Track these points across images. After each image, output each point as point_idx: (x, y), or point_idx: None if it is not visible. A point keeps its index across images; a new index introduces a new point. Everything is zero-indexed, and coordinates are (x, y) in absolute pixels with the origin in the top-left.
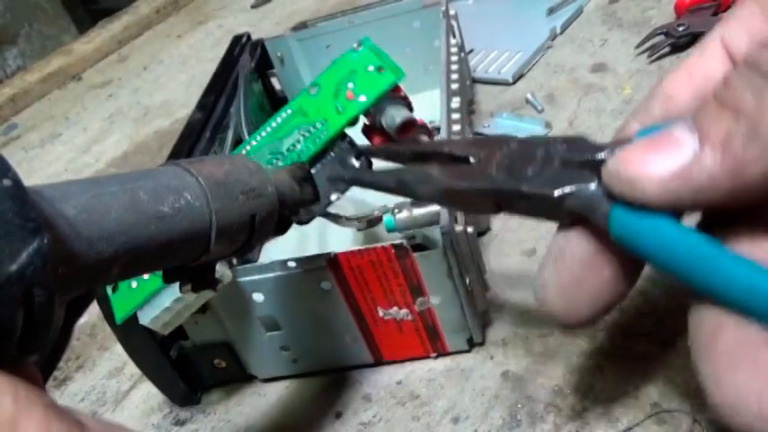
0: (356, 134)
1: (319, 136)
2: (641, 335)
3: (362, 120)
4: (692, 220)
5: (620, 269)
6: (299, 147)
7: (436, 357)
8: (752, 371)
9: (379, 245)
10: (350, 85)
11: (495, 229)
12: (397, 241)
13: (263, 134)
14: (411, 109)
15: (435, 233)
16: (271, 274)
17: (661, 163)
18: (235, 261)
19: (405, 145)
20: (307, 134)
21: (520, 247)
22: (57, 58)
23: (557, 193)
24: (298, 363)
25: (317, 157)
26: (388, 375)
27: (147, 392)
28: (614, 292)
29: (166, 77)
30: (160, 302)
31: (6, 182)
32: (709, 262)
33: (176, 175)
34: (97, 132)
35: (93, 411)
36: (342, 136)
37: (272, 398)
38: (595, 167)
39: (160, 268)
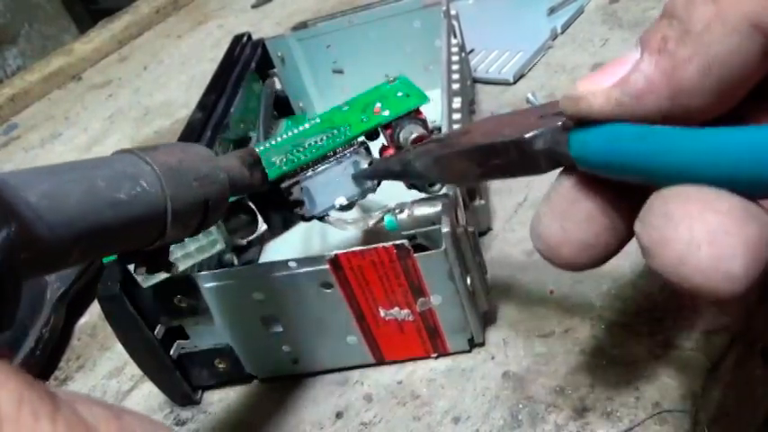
0: (374, 150)
1: (340, 136)
2: (642, 335)
3: (382, 140)
4: None
5: (603, 200)
6: (319, 143)
7: (437, 357)
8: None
9: (380, 245)
10: (378, 104)
11: (497, 229)
12: (399, 242)
13: (290, 134)
14: (428, 129)
15: (437, 233)
16: (271, 275)
17: (604, 78)
18: (236, 261)
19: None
20: (330, 135)
21: (521, 247)
22: (57, 57)
23: (527, 135)
24: (299, 363)
25: (334, 155)
26: (389, 375)
27: (148, 392)
28: (602, 225)
29: (167, 77)
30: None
31: None
32: (662, 142)
33: (132, 162)
34: (97, 132)
35: None
36: (360, 143)
37: (273, 398)
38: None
39: (118, 251)
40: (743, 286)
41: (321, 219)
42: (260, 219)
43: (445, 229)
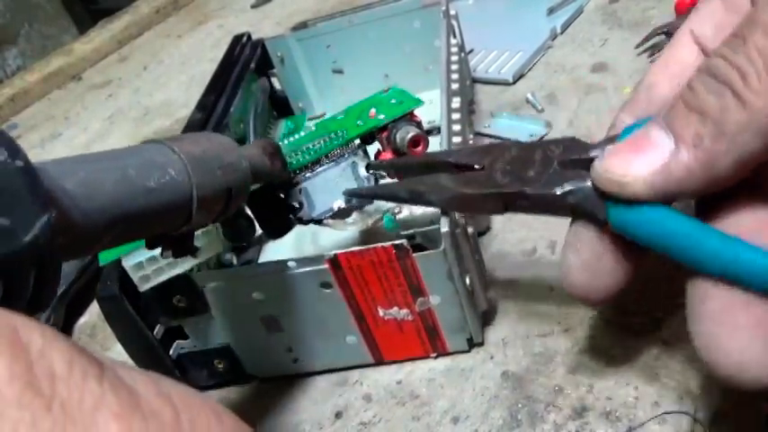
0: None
1: (337, 139)
2: (642, 335)
3: (377, 146)
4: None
5: (626, 252)
6: (317, 146)
7: (436, 357)
8: (732, 330)
9: (379, 245)
10: (373, 110)
11: (496, 229)
12: (398, 242)
13: (287, 141)
14: (423, 131)
15: (435, 233)
16: (271, 275)
17: (642, 163)
18: (235, 261)
19: (412, 158)
20: (327, 139)
21: (520, 247)
22: (57, 58)
23: (558, 191)
24: (298, 363)
25: (331, 157)
26: (389, 375)
27: None
28: (624, 272)
29: (166, 77)
30: (146, 252)
31: (19, 162)
32: (695, 240)
33: (160, 152)
34: (97, 132)
35: None
36: (357, 145)
37: (273, 398)
38: (590, 165)
39: (146, 236)
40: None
41: (319, 222)
42: (257, 226)
43: (444, 228)
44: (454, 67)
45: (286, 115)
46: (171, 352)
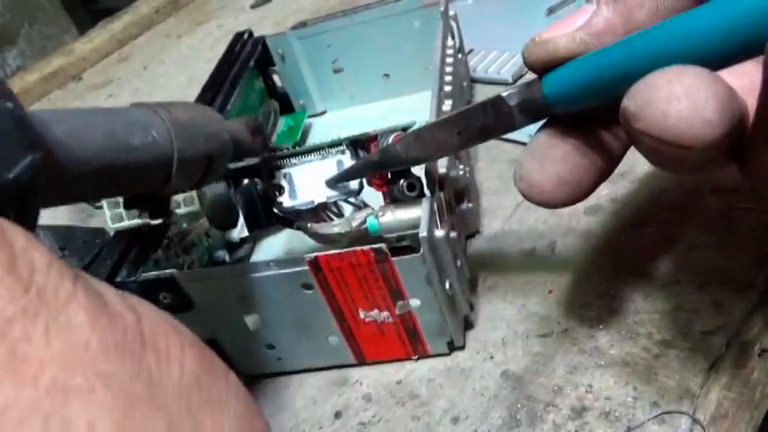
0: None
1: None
2: (641, 335)
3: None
4: None
5: (576, 143)
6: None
7: (417, 359)
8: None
9: (359, 248)
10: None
11: (495, 228)
12: (377, 245)
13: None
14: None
15: (416, 237)
16: (253, 275)
17: (566, 25)
18: (227, 258)
19: (370, 156)
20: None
21: (519, 247)
22: (57, 58)
23: (504, 93)
24: (282, 361)
25: (320, 152)
26: (389, 375)
27: None
28: (578, 165)
29: (167, 77)
30: None
31: (9, 104)
32: (620, 52)
33: (146, 115)
34: None
35: None
36: (347, 145)
37: (272, 397)
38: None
39: (126, 193)
40: (718, 131)
41: (304, 230)
42: (241, 217)
43: (423, 233)
44: (448, 69)
45: (286, 112)
46: None
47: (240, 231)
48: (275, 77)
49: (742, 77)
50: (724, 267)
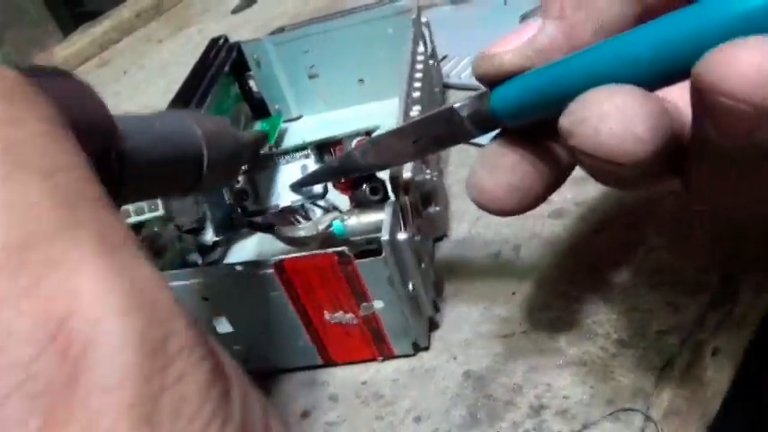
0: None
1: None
2: (598, 335)
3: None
4: None
5: (525, 152)
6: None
7: (383, 361)
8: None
9: (321, 251)
10: None
11: (462, 232)
12: (340, 248)
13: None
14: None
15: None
16: (218, 277)
17: (512, 40)
18: (200, 261)
19: (332, 160)
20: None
21: (486, 251)
22: (37, 62)
23: (456, 105)
24: (250, 363)
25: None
26: (355, 375)
27: None
28: (527, 173)
29: (146, 83)
30: None
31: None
32: (562, 69)
33: (179, 117)
34: None
35: None
36: (312, 149)
37: None
38: None
39: (164, 193)
40: (649, 147)
41: (271, 231)
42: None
43: (384, 237)
44: (418, 74)
45: (262, 117)
46: None
47: (213, 235)
48: (251, 83)
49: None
50: (679, 269)
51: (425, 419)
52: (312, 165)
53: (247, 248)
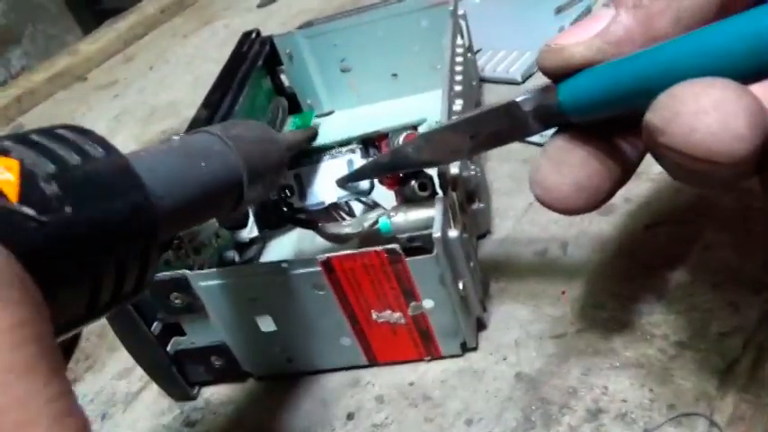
0: None
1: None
2: (656, 336)
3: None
4: None
5: (593, 149)
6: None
7: (429, 361)
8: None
9: (372, 249)
10: None
11: (506, 229)
12: (390, 246)
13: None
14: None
15: (429, 238)
16: (264, 275)
17: (583, 31)
18: (237, 258)
19: (382, 155)
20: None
21: (532, 248)
22: (62, 58)
23: (518, 99)
24: (293, 362)
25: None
26: (401, 376)
27: (158, 393)
28: (595, 170)
29: (173, 77)
30: None
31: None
32: (640, 65)
33: (213, 142)
34: (103, 132)
35: (103, 413)
36: (358, 143)
37: (283, 399)
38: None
39: (203, 222)
40: (749, 145)
41: (315, 229)
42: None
43: (436, 234)
44: (458, 68)
45: (294, 112)
46: (168, 348)
47: (250, 231)
48: (283, 77)
49: None
50: (740, 267)
51: (477, 422)
52: (358, 160)
53: (284, 246)
